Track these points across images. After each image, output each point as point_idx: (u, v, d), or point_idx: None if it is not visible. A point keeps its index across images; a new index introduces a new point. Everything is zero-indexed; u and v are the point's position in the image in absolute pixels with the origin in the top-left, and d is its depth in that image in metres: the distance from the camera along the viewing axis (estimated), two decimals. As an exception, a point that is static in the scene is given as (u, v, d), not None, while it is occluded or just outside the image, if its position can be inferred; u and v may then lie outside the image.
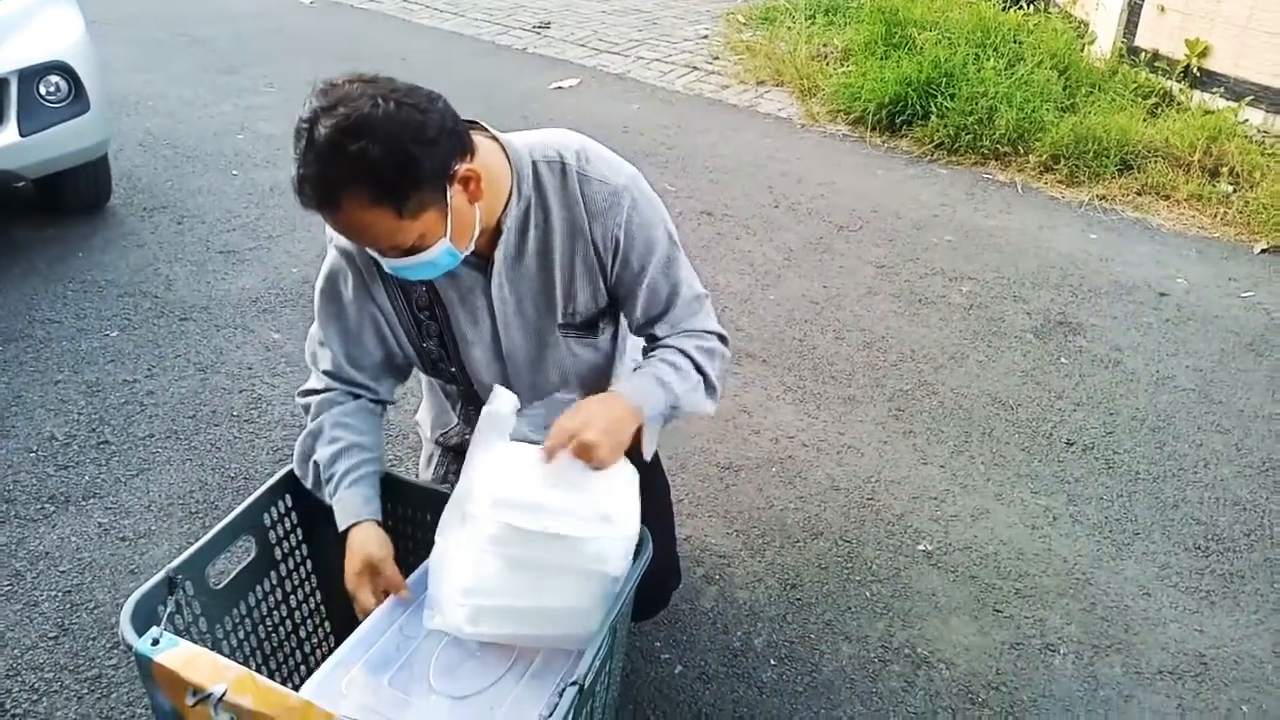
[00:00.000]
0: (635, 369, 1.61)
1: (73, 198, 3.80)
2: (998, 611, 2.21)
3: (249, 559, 1.69)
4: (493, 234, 1.47)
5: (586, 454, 1.36)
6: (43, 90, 3.33)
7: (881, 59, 5.42)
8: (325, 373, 1.62)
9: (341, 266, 1.55)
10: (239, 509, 1.64)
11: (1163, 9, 5.62)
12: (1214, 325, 3.40)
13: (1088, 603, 2.24)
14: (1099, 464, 2.70)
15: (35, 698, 1.93)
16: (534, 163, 1.49)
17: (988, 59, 5.14)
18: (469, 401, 1.77)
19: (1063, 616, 2.20)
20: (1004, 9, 6.18)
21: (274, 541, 1.73)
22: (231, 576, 1.64)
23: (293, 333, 3.12)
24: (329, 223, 1.33)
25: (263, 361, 3.00)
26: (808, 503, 2.53)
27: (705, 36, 6.84)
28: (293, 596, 1.79)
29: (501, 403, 1.41)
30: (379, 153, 1.22)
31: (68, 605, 2.14)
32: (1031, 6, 6.38)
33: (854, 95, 5.25)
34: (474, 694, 1.38)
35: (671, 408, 1.53)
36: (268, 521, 1.71)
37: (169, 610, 1.44)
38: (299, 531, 1.78)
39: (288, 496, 1.73)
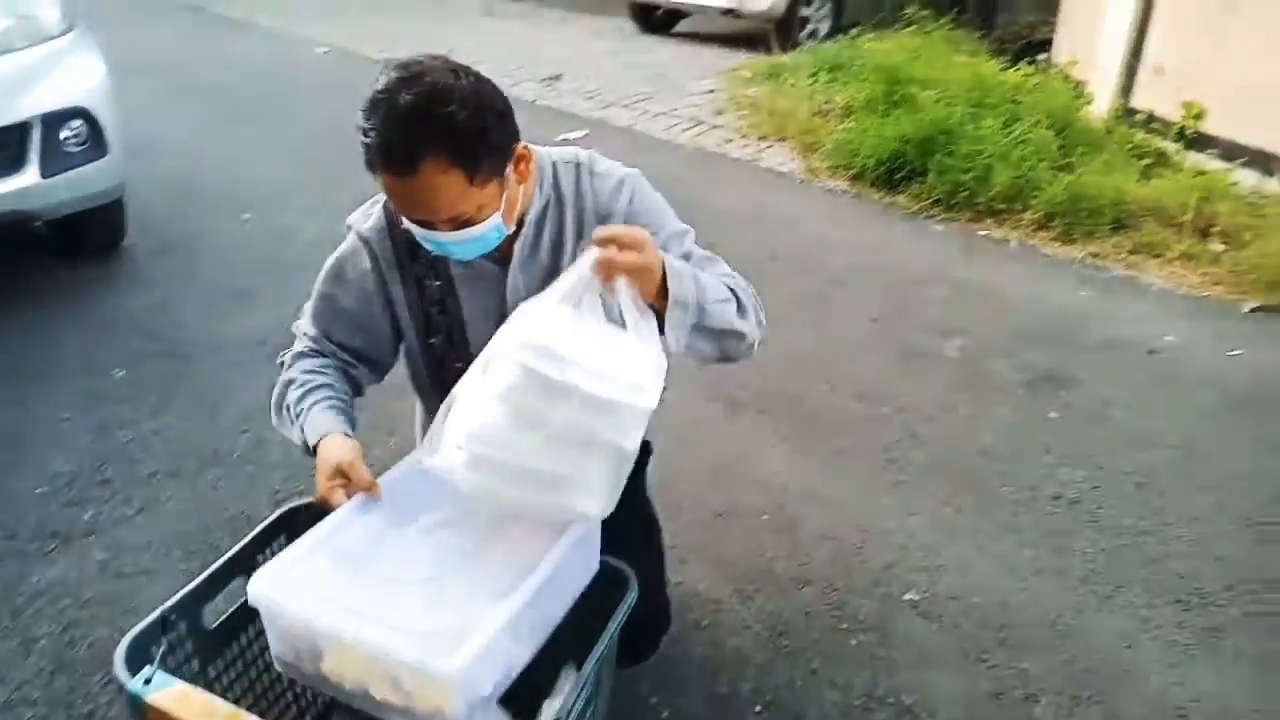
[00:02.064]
0: None
1: (88, 238, 3.91)
2: (981, 661, 2.24)
3: (243, 599, 1.73)
4: (513, 229, 1.55)
5: (637, 265, 1.30)
6: (64, 135, 3.45)
7: (882, 116, 5.53)
8: (305, 335, 1.70)
9: (358, 251, 1.64)
10: (234, 549, 1.66)
11: (1159, 71, 5.75)
12: (1201, 383, 3.45)
13: (1069, 654, 2.27)
14: (1084, 518, 2.74)
15: (31, 730, 1.97)
16: (553, 163, 1.63)
17: (986, 117, 5.25)
18: None
19: (1045, 667, 2.23)
20: (1003, 69, 6.32)
21: (269, 582, 1.77)
22: (225, 616, 1.68)
23: (297, 375, 3.19)
24: (394, 188, 1.38)
25: (266, 402, 3.04)
26: (797, 551, 2.57)
27: (711, 92, 6.99)
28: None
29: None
30: (464, 117, 1.33)
31: (65, 641, 2.18)
32: (1031, 66, 6.51)
33: (854, 152, 5.36)
34: (431, 578, 1.36)
35: (700, 308, 1.42)
36: (260, 562, 1.75)
37: (162, 649, 1.48)
38: (294, 571, 1.82)
39: (283, 536, 1.78)
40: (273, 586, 1.31)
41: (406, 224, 1.48)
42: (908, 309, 3.94)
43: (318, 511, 1.76)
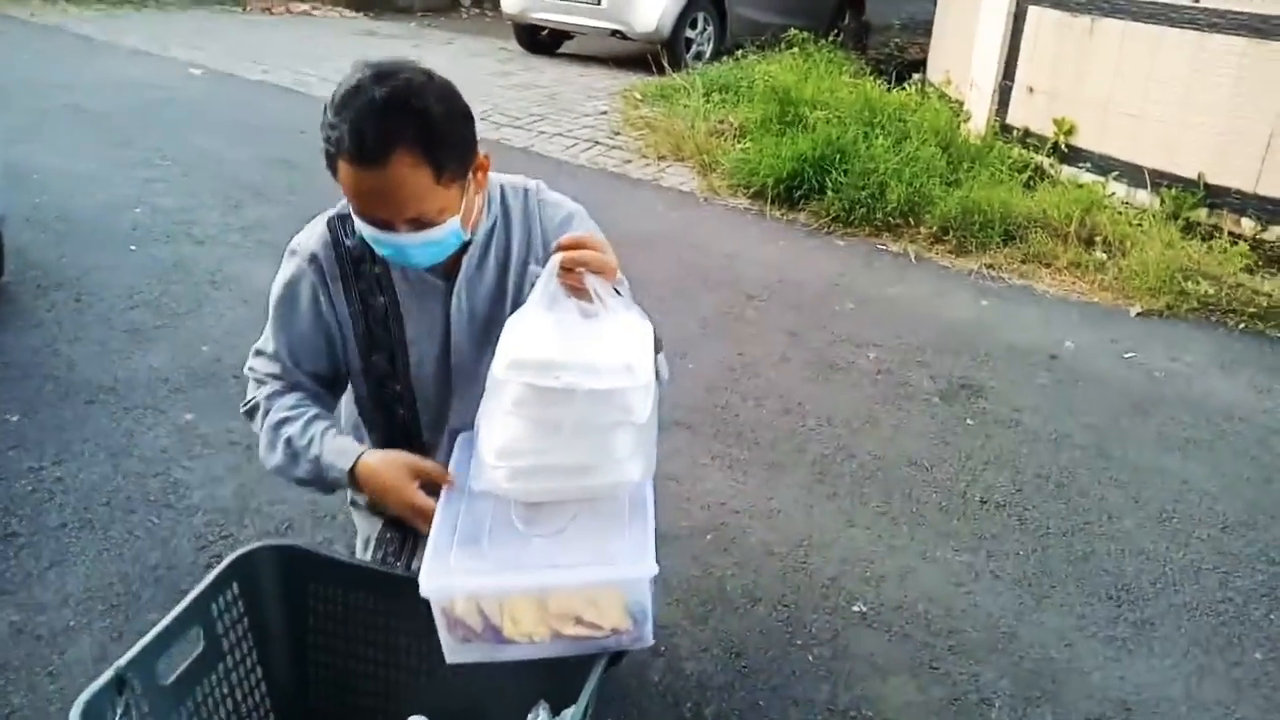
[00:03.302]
0: None
1: (-38, 276, 3.64)
2: (934, 669, 2.29)
3: (196, 652, 1.63)
4: (460, 247, 1.55)
5: (602, 263, 1.39)
6: (-66, 166, 3.20)
7: (777, 136, 5.66)
8: (267, 375, 1.65)
9: (304, 273, 1.60)
10: (188, 599, 1.58)
11: (1031, 90, 6.05)
12: (1102, 385, 3.63)
13: (1015, 656, 2.34)
14: (1012, 520, 2.84)
15: (-50, 814, 1.80)
16: (501, 186, 1.65)
17: (876, 137, 5.43)
18: (404, 436, 1.76)
19: (994, 670, 2.29)
20: (887, 89, 6.55)
21: (221, 632, 1.68)
22: (180, 671, 1.58)
23: (207, 412, 3.02)
24: (360, 182, 1.36)
25: (177, 444, 2.90)
26: (744, 569, 2.58)
27: (604, 112, 7.02)
28: (239, 689, 1.73)
29: None
30: (437, 114, 1.35)
31: (-20, 711, 2.01)
32: (912, 87, 6.77)
33: (752, 171, 5.46)
34: (560, 528, 1.43)
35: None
36: (215, 612, 1.66)
37: (120, 712, 1.38)
38: (246, 620, 1.73)
39: (234, 584, 1.69)
40: (443, 578, 1.35)
41: (360, 228, 1.46)
42: (821, 322, 4.02)
43: (272, 555, 1.69)
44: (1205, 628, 2.45)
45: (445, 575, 1.35)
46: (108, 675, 1.39)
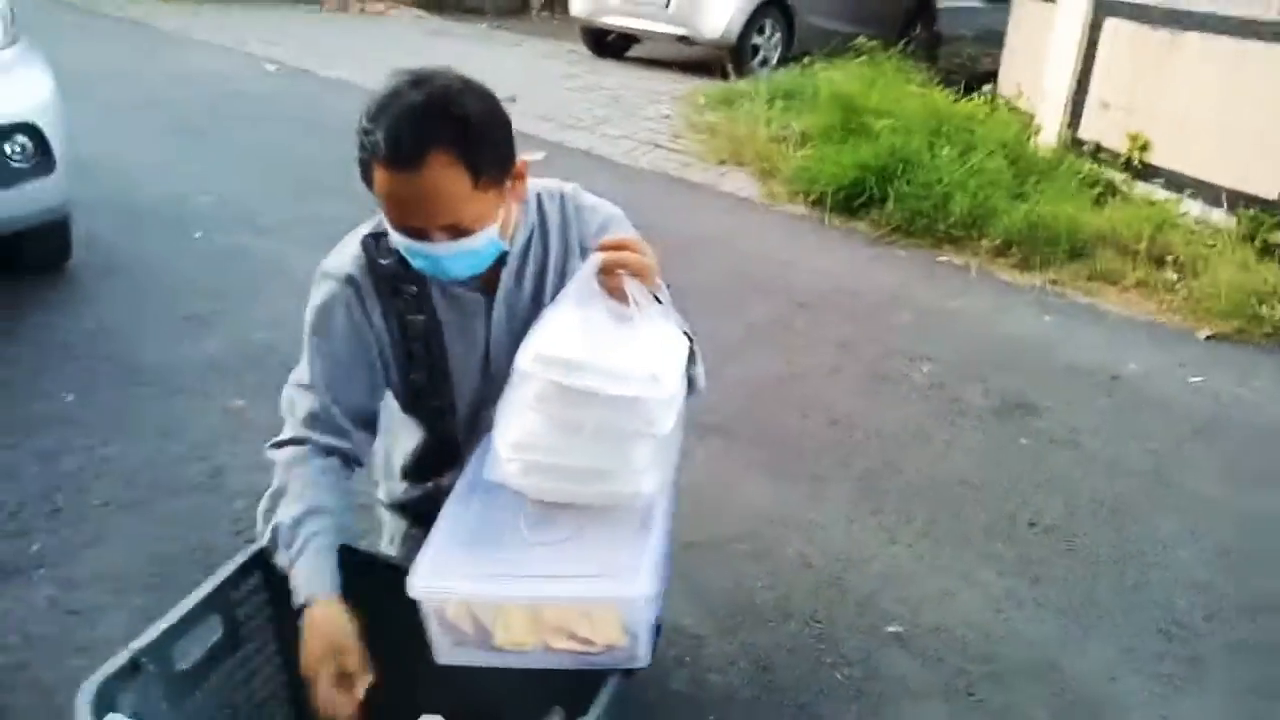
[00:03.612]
0: None
1: (31, 258, 3.74)
2: (969, 695, 2.21)
3: (215, 639, 1.63)
4: (498, 258, 1.51)
5: (643, 266, 1.37)
6: (9, 150, 3.29)
7: (839, 144, 5.58)
8: (305, 419, 1.58)
9: (338, 295, 1.54)
10: (208, 585, 1.58)
11: (1105, 104, 5.88)
12: (1165, 409, 3.50)
13: (1056, 686, 2.25)
14: (1061, 546, 2.74)
15: (-25, 784, 1.83)
16: (537, 194, 1.59)
17: (942, 147, 5.32)
18: (440, 441, 1.74)
19: (1032, 700, 2.20)
20: (955, 100, 6.42)
21: (241, 620, 1.68)
22: (197, 658, 1.58)
23: (256, 399, 3.07)
24: (395, 187, 1.33)
25: (224, 429, 2.94)
26: (777, 581, 2.53)
27: (667, 116, 7.00)
28: (256, 678, 1.73)
29: None
30: (477, 117, 1.34)
31: (9, 685, 2.03)
32: (981, 98, 6.63)
33: (813, 178, 5.39)
34: (569, 536, 1.40)
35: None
36: (236, 599, 1.66)
37: (133, 696, 1.38)
38: (268, 610, 1.73)
39: (257, 573, 1.69)
40: (436, 581, 1.33)
41: (395, 239, 1.42)
42: (874, 334, 3.94)
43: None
44: (1260, 670, 2.33)
45: (438, 577, 1.32)
46: (122, 659, 1.38)
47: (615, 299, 1.39)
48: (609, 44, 9.49)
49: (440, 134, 1.30)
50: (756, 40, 8.56)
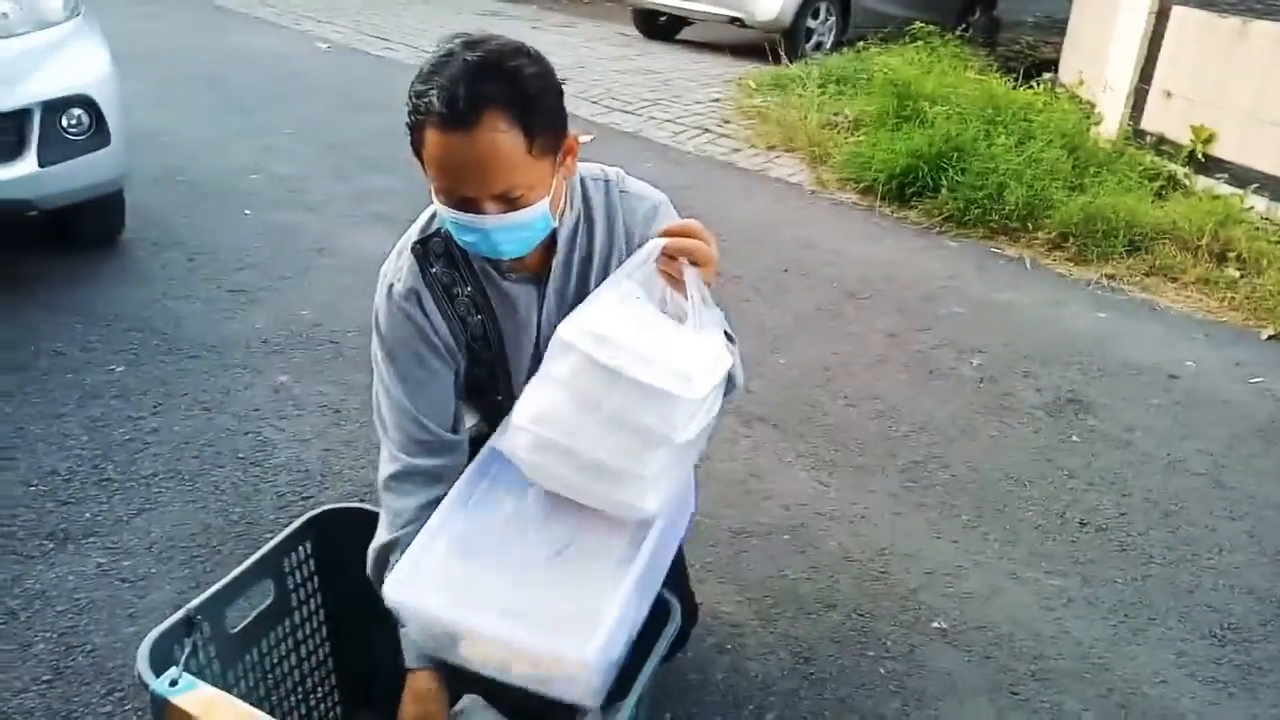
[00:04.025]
0: None
1: (85, 230, 3.79)
2: (1014, 694, 2.17)
3: (265, 604, 1.65)
4: (546, 246, 1.49)
5: (707, 256, 1.36)
6: (65, 122, 3.33)
7: (892, 130, 5.49)
8: (402, 445, 1.55)
9: (409, 313, 1.52)
10: (261, 551, 1.62)
11: (1169, 95, 5.73)
12: (1224, 410, 3.40)
13: (1104, 688, 2.20)
14: (1113, 545, 2.68)
15: (25, 744, 1.86)
16: (582, 179, 1.56)
17: (998, 135, 5.21)
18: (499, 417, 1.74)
19: (1079, 701, 2.16)
20: (1014, 87, 6.29)
21: (291, 588, 1.70)
22: (247, 621, 1.61)
23: (301, 375, 3.09)
24: (447, 150, 1.29)
25: (270, 403, 2.97)
26: (820, 572, 2.49)
27: (716, 100, 6.93)
28: (304, 646, 1.76)
29: None
30: (533, 79, 1.30)
31: (62, 648, 2.07)
32: (1040, 86, 6.49)
33: (864, 165, 5.31)
34: (556, 552, 1.39)
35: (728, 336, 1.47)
36: (287, 567, 1.68)
37: (187, 651, 1.41)
38: (315, 580, 1.75)
39: (308, 543, 1.71)
40: (407, 590, 1.32)
41: (444, 215, 1.39)
42: (924, 325, 3.87)
43: (348, 517, 1.70)
44: (1320, 679, 2.27)
45: (409, 587, 1.31)
46: (178, 615, 1.44)
47: (673, 288, 1.37)
48: (660, 26, 9.43)
49: (496, 93, 1.26)
50: (810, 24, 8.46)
